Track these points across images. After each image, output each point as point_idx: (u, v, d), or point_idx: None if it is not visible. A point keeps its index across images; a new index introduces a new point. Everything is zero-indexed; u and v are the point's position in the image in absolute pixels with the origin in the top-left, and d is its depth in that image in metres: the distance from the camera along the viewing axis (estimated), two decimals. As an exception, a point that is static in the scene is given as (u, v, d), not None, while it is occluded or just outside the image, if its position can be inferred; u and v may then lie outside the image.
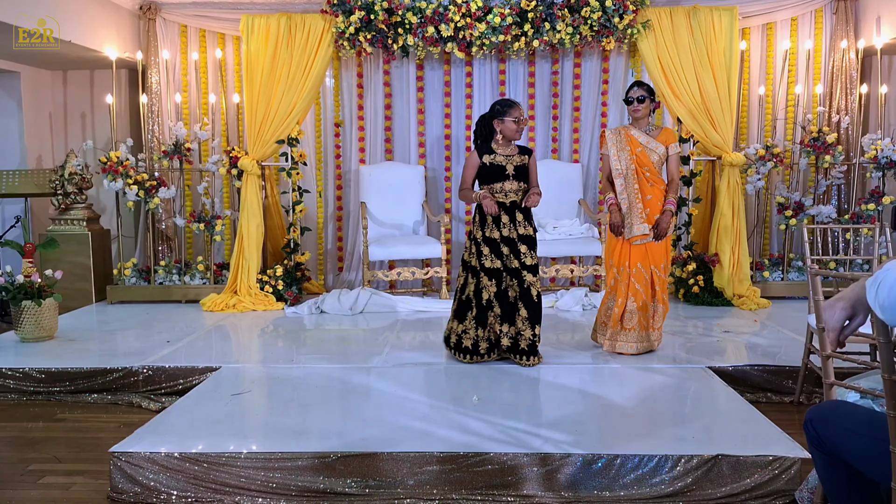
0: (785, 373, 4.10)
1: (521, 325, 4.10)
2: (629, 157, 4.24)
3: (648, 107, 4.27)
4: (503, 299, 4.11)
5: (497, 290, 4.10)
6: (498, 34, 5.98)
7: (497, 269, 4.10)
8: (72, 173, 6.25)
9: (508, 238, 4.10)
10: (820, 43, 6.48)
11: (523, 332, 4.10)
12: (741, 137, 6.56)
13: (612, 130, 4.36)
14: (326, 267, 7.00)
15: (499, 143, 4.18)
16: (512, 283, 4.10)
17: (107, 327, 5.41)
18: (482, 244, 4.13)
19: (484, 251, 4.12)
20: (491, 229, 4.11)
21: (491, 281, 4.11)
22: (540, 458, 2.89)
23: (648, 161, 4.24)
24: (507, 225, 4.11)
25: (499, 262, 4.10)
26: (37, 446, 3.39)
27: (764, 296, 5.93)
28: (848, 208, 6.35)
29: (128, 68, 6.85)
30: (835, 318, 1.72)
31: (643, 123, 4.31)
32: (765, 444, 2.98)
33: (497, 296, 4.10)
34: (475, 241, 4.16)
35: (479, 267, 4.13)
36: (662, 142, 4.27)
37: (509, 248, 4.09)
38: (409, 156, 6.85)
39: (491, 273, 4.11)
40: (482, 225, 4.15)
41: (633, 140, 4.26)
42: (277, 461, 2.89)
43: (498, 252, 4.10)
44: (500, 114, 4.12)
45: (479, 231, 4.15)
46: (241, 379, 4.01)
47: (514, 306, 4.10)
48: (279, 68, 6.02)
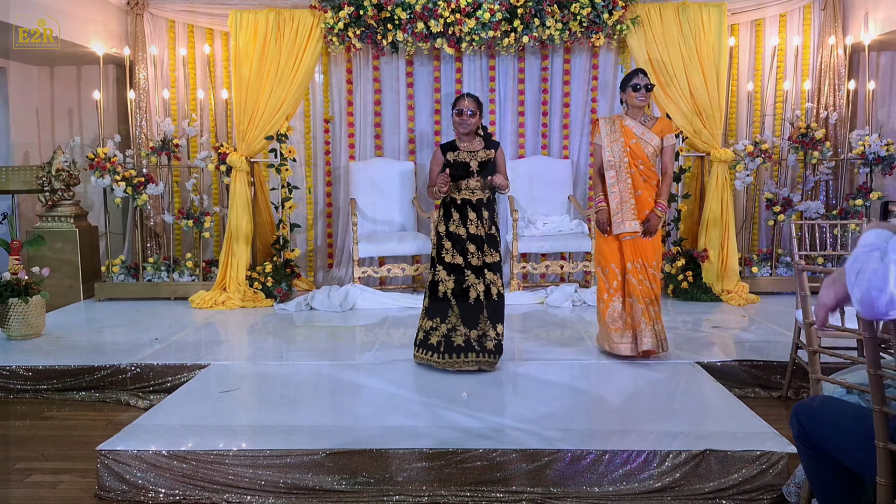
0: (773, 368, 4.12)
1: (484, 325, 3.96)
2: (622, 149, 4.05)
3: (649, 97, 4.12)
4: (463, 298, 3.96)
5: (456, 286, 3.97)
6: (487, 30, 5.96)
7: (458, 265, 3.98)
8: (59, 170, 6.20)
9: (476, 236, 4.00)
10: (808, 39, 6.50)
11: (488, 333, 3.96)
12: (730, 133, 6.58)
13: (606, 119, 4.17)
14: (316, 263, 6.98)
15: (461, 138, 4.08)
16: (476, 283, 3.97)
17: (95, 325, 5.37)
18: (444, 238, 4.03)
19: (446, 245, 4.01)
20: (457, 225, 4.02)
21: (450, 276, 3.98)
22: (529, 454, 2.90)
23: (643, 153, 4.06)
24: (473, 222, 4.00)
25: (461, 258, 3.98)
26: (24, 445, 3.37)
27: (752, 291, 5.95)
28: (836, 204, 6.38)
29: (115, 64, 6.80)
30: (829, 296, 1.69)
31: (639, 114, 4.11)
32: (752, 439, 3.00)
33: (456, 294, 3.96)
34: (438, 234, 4.07)
35: (439, 261, 4.02)
36: (658, 133, 4.08)
37: (476, 245, 3.99)
38: (399, 152, 6.83)
39: (450, 269, 3.99)
40: (446, 219, 4.05)
41: (628, 130, 4.07)
42: (266, 458, 2.88)
43: (462, 249, 3.98)
44: (453, 108, 4.06)
45: (443, 225, 4.05)
46: (229, 376, 3.99)
47: (477, 306, 3.95)
48: (268, 64, 5.99)
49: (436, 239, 4.10)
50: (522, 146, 6.83)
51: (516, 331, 5.03)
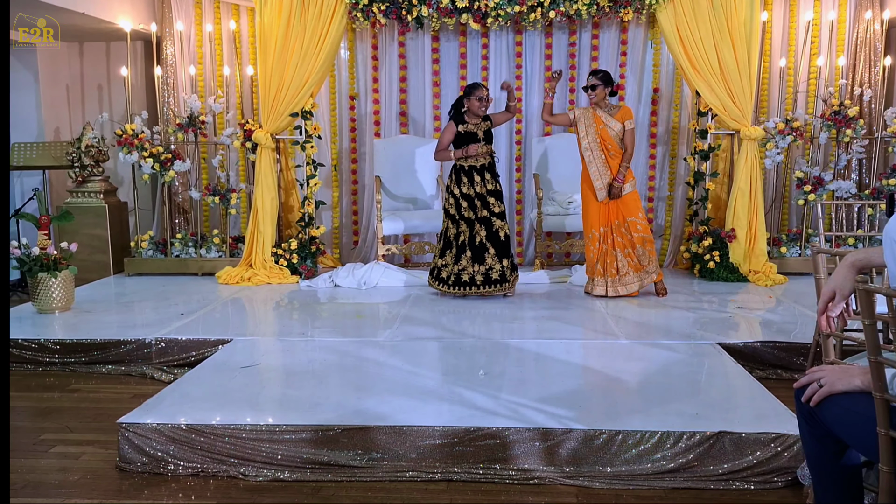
0: (795, 349, 4.06)
1: (491, 261, 5.09)
2: (595, 133, 5.11)
3: (603, 91, 5.07)
4: (472, 243, 5.10)
5: (469, 234, 5.10)
6: (513, 5, 5.88)
7: (470, 218, 5.12)
8: (88, 146, 6.30)
9: (480, 194, 5.12)
10: (844, 14, 6.30)
11: (494, 266, 5.10)
12: (761, 111, 6.44)
13: (581, 109, 5.20)
14: (341, 241, 7.02)
15: (469, 115, 5.12)
16: (480, 230, 5.09)
17: (123, 299, 5.48)
18: (460, 199, 5.13)
19: (463, 204, 5.12)
20: (467, 186, 5.12)
21: (467, 228, 5.12)
22: (541, 432, 2.90)
23: (609, 136, 5.09)
24: (478, 183, 5.11)
25: (471, 212, 5.11)
26: (50, 416, 3.47)
27: (781, 272, 5.85)
28: (869, 183, 6.23)
29: (143, 40, 6.86)
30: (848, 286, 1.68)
31: (603, 105, 5.12)
32: (769, 421, 2.97)
33: (469, 240, 5.10)
34: (452, 194, 5.16)
35: (458, 216, 5.14)
36: (619, 119, 5.08)
37: (481, 201, 5.11)
38: (424, 129, 6.81)
39: (465, 221, 5.13)
40: (458, 182, 5.15)
41: (598, 118, 5.12)
42: (282, 433, 2.92)
43: (472, 205, 5.10)
44: (468, 94, 5.12)
45: (457, 187, 5.15)
46: (252, 352, 4.05)
47: (483, 248, 5.09)
48: (293, 40, 5.99)
49: (451, 199, 5.19)
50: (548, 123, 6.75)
51: (538, 309, 5.02)
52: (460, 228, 5.13)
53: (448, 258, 5.18)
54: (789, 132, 5.86)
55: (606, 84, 5.09)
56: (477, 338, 4.30)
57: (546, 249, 6.26)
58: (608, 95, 5.13)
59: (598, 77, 5.09)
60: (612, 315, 4.81)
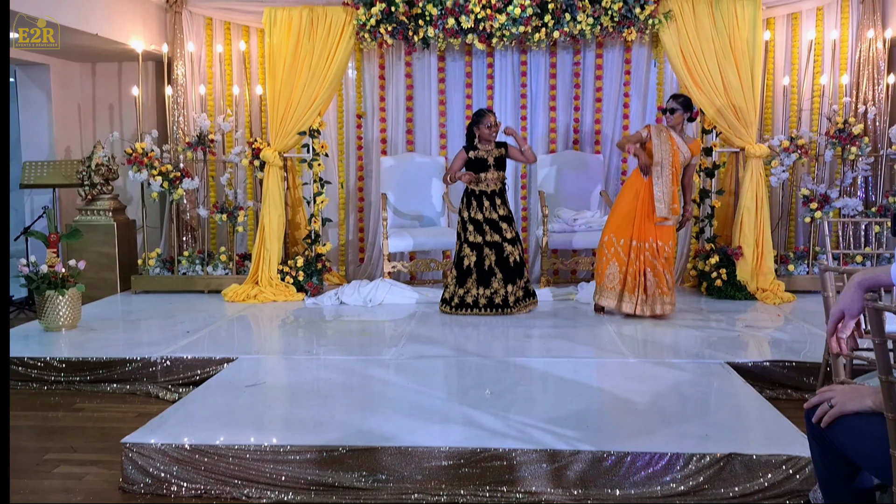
0: (805, 369, 4.02)
1: (497, 285, 5.22)
2: (669, 152, 4.99)
3: (681, 117, 5.03)
4: (480, 267, 5.23)
5: (477, 259, 5.23)
6: (518, 25, 5.92)
7: (477, 242, 5.25)
8: (98, 164, 6.34)
9: (490, 219, 5.26)
10: (846, 33, 6.32)
11: (498, 291, 5.23)
12: (765, 128, 6.44)
13: (656, 126, 5.11)
14: (348, 258, 7.02)
15: (481, 142, 5.28)
16: (490, 254, 5.22)
17: (129, 317, 5.49)
18: (468, 222, 5.29)
19: (469, 228, 5.27)
20: (475, 211, 5.28)
21: (472, 252, 5.26)
22: (549, 454, 2.87)
23: (678, 161, 5.01)
24: (488, 209, 5.26)
25: (479, 237, 5.25)
26: (54, 436, 3.46)
27: (789, 290, 5.81)
28: (875, 201, 6.20)
29: (154, 60, 6.92)
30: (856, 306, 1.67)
31: (678, 130, 5.06)
32: (780, 442, 2.94)
33: (476, 265, 5.23)
34: (462, 218, 5.33)
35: (464, 240, 5.29)
36: (692, 149, 5.08)
37: (490, 226, 5.25)
38: (431, 147, 6.84)
39: (472, 246, 5.26)
40: (468, 206, 5.30)
41: (672, 139, 5.02)
42: (286, 454, 2.91)
43: (480, 229, 5.25)
44: (476, 123, 5.29)
45: (466, 212, 5.31)
46: (257, 370, 4.04)
47: (490, 272, 5.23)
48: (301, 60, 6.03)
49: (460, 223, 5.35)
50: (554, 141, 6.78)
51: (545, 327, 5.00)
52: (464, 252, 5.27)
53: (456, 286, 5.32)
54: (794, 150, 5.86)
55: (686, 109, 5.04)
56: (483, 356, 4.28)
57: (552, 267, 6.25)
58: (686, 120, 5.09)
59: (678, 101, 5.05)
60: (620, 333, 4.78)
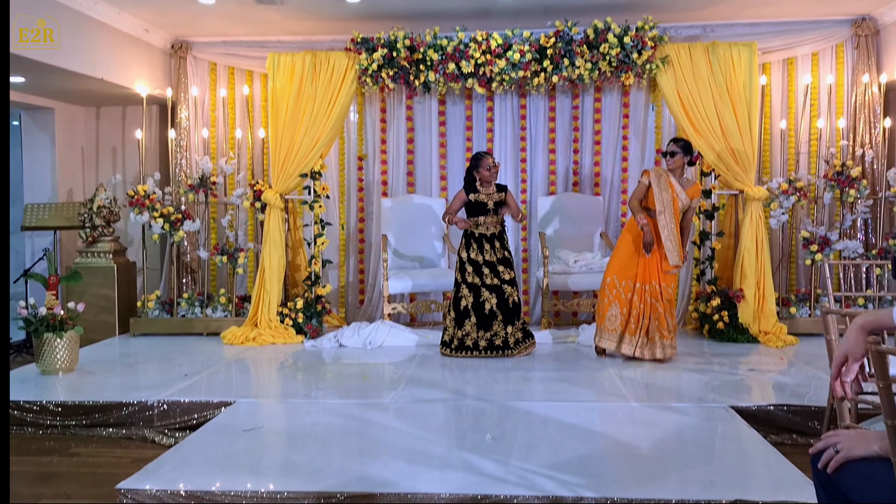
0: (810, 413, 3.97)
1: (497, 327, 5.19)
2: (670, 197, 4.97)
3: (681, 160, 5.02)
4: (479, 310, 5.19)
5: (474, 301, 5.20)
6: (517, 70, 6.00)
7: (475, 284, 5.23)
8: (100, 206, 6.36)
9: (489, 261, 5.26)
10: (842, 77, 6.41)
11: (499, 332, 5.20)
12: (764, 171, 6.48)
13: (655, 171, 5.06)
14: (347, 300, 7.01)
15: (481, 184, 5.30)
16: (489, 297, 5.20)
17: (127, 360, 5.45)
18: (466, 263, 5.28)
19: (468, 269, 5.26)
20: (476, 252, 5.27)
21: (470, 293, 5.23)
22: (551, 501, 2.82)
23: (677, 206, 5.01)
24: (488, 251, 5.27)
25: (477, 278, 5.23)
26: (49, 481, 3.40)
27: (791, 332, 5.78)
28: (875, 243, 6.21)
29: (158, 104, 7.01)
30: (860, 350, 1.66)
31: (678, 174, 5.05)
32: (786, 489, 2.89)
33: (474, 306, 5.20)
34: (461, 259, 5.31)
35: (463, 280, 5.25)
36: (690, 195, 5.05)
37: (489, 269, 5.24)
38: (431, 189, 6.88)
39: (470, 287, 5.24)
40: (467, 247, 5.31)
41: (672, 185, 5.01)
42: (284, 501, 2.86)
43: (479, 271, 5.24)
44: (475, 166, 5.31)
45: (465, 252, 5.30)
46: (255, 414, 4.00)
47: (492, 315, 5.19)
48: (304, 103, 6.11)
49: (459, 264, 5.34)
50: (553, 183, 6.82)
51: (546, 370, 4.96)
52: (462, 293, 5.24)
53: (455, 328, 5.27)
54: (793, 192, 5.89)
55: (686, 153, 5.05)
56: (484, 400, 4.24)
57: (553, 308, 6.23)
58: (687, 164, 5.09)
59: (678, 145, 5.06)
60: (622, 376, 4.74)
